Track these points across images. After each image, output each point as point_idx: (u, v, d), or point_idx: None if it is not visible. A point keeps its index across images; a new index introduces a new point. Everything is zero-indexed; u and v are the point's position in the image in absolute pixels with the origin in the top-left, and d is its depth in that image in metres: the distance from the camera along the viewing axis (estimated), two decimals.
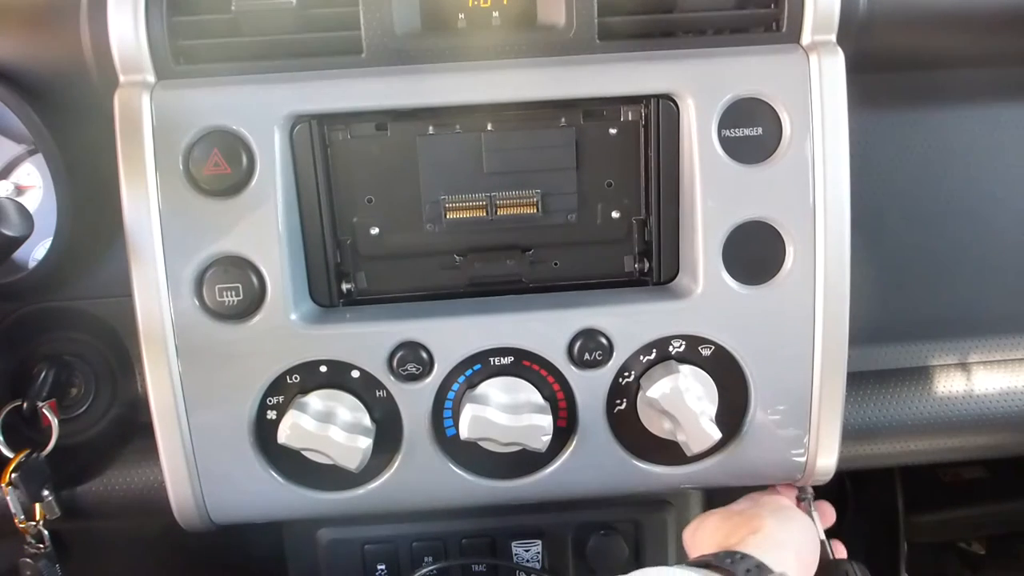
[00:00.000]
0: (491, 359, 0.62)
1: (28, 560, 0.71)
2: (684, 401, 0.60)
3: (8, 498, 0.67)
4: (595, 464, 0.65)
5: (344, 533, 0.76)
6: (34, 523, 0.70)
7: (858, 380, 0.75)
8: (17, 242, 0.57)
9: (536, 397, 0.62)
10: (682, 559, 0.79)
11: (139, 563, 0.93)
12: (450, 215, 0.62)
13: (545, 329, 0.61)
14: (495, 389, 0.62)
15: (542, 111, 0.61)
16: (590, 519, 0.77)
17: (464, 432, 0.60)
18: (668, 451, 0.64)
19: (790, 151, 0.59)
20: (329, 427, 0.60)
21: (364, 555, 0.77)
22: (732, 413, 0.64)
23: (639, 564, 0.78)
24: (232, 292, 0.59)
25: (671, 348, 0.62)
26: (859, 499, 1.14)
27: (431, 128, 0.61)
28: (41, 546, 0.71)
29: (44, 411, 0.68)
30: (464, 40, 0.60)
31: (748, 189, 0.60)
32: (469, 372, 0.62)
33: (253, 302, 0.59)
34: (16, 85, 0.62)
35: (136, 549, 0.90)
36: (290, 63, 0.59)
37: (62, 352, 0.70)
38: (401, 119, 0.60)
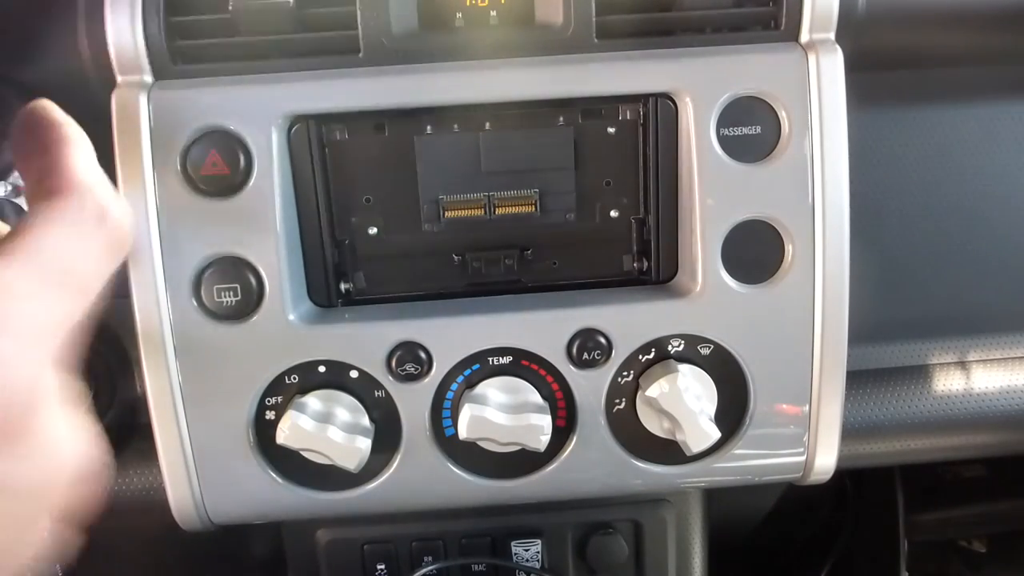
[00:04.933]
0: (490, 359, 0.62)
1: None
2: (683, 400, 0.60)
3: None
4: (594, 464, 0.64)
5: (343, 533, 0.76)
6: None
7: (857, 379, 0.75)
8: None
9: (535, 397, 0.62)
10: (682, 557, 0.80)
11: (139, 563, 0.93)
12: (448, 215, 0.62)
13: (544, 329, 0.61)
14: (494, 389, 0.62)
15: (540, 110, 0.61)
16: (590, 519, 0.77)
17: (463, 432, 0.60)
18: (667, 450, 0.64)
19: (789, 150, 0.59)
20: (328, 427, 0.60)
21: (364, 555, 0.77)
22: (731, 412, 0.64)
23: (639, 563, 0.78)
24: (230, 292, 0.59)
25: (670, 347, 0.62)
26: (859, 498, 1.14)
27: (429, 128, 0.61)
28: None
29: None
30: (462, 39, 0.60)
31: (747, 188, 0.60)
32: (468, 372, 0.62)
33: (251, 302, 0.59)
34: (13, 85, 0.61)
35: (136, 549, 0.90)
36: (287, 63, 0.59)
37: None
38: (399, 119, 0.60)
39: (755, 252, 0.61)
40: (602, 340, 0.61)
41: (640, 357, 0.62)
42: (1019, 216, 0.75)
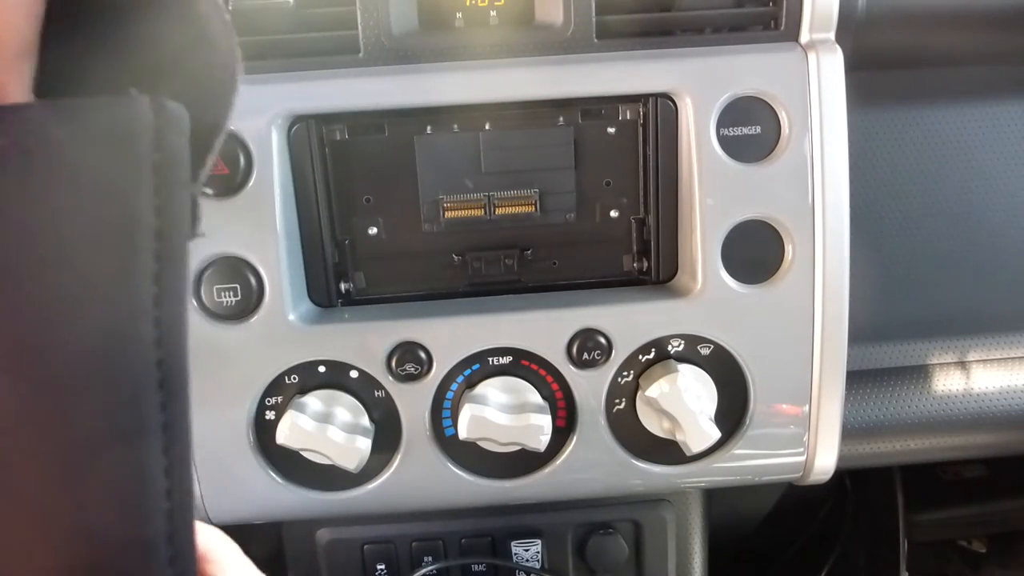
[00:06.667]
0: (490, 359, 0.62)
1: None
2: (683, 400, 0.60)
3: None
4: (594, 464, 0.64)
5: (343, 533, 0.76)
6: None
7: (857, 379, 0.75)
8: None
9: (535, 397, 0.62)
10: (682, 557, 0.80)
11: None
12: (448, 215, 0.62)
13: (544, 329, 0.61)
14: (494, 389, 0.62)
15: (540, 110, 0.61)
16: (590, 519, 0.77)
17: (463, 432, 0.60)
18: (667, 450, 0.64)
19: (789, 150, 0.59)
20: (328, 427, 0.60)
21: (364, 555, 0.77)
22: (731, 412, 0.64)
23: (639, 563, 0.78)
24: (230, 292, 0.59)
25: (670, 347, 0.62)
26: (859, 498, 1.14)
27: (429, 128, 0.61)
28: None
29: None
30: (462, 39, 0.60)
31: (747, 188, 0.60)
32: (468, 372, 0.62)
33: (251, 302, 0.59)
34: None
35: None
36: (287, 63, 0.59)
37: None
38: (399, 119, 0.60)
39: (755, 252, 0.61)
40: (602, 340, 0.61)
41: (640, 357, 0.62)
42: (1019, 216, 0.75)
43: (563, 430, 0.64)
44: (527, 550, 0.77)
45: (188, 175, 0.27)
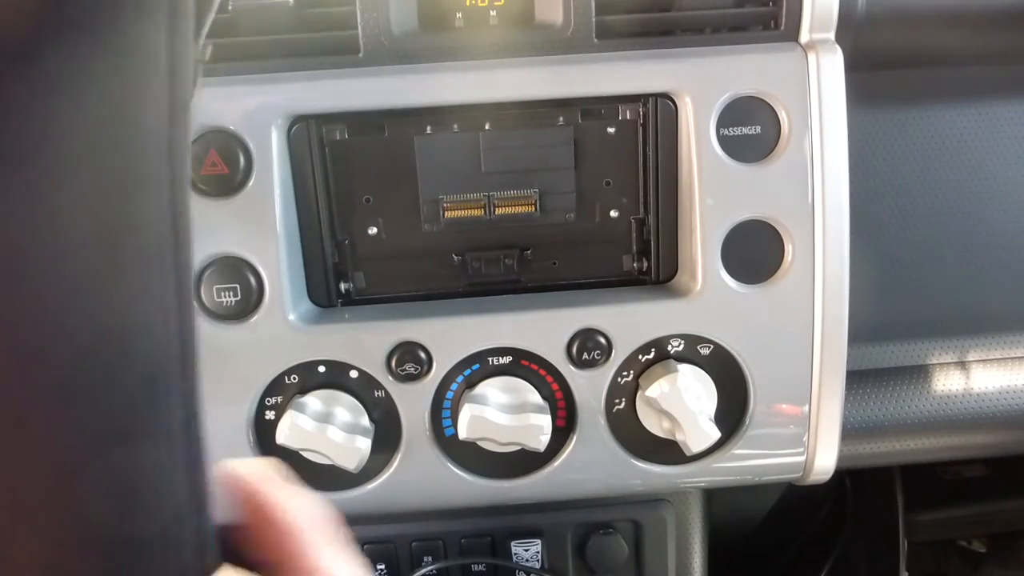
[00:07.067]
0: (490, 359, 0.62)
1: None
2: (683, 400, 0.60)
3: None
4: (594, 464, 0.64)
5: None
6: None
7: (857, 379, 0.75)
8: None
9: (535, 397, 0.62)
10: (682, 557, 0.80)
11: None
12: (448, 215, 0.62)
13: (544, 329, 0.61)
14: (494, 389, 0.62)
15: (540, 110, 0.61)
16: (590, 519, 0.77)
17: (463, 432, 0.60)
18: (667, 450, 0.64)
19: (789, 150, 0.59)
20: (327, 427, 0.60)
21: (363, 555, 0.76)
22: (731, 412, 0.64)
23: (639, 563, 0.78)
24: (230, 292, 0.59)
25: (670, 347, 0.62)
26: (859, 498, 1.14)
27: (429, 128, 0.61)
28: None
29: None
30: (462, 39, 0.60)
31: (747, 188, 0.60)
32: (468, 372, 0.62)
33: (251, 302, 0.59)
34: None
35: None
36: (287, 63, 0.59)
37: None
38: (399, 119, 0.60)
39: (755, 252, 0.61)
40: (602, 340, 0.61)
41: (640, 357, 0.62)
42: (1019, 216, 0.75)
43: (563, 430, 0.64)
44: (527, 550, 0.77)
45: (193, 31, 0.27)
